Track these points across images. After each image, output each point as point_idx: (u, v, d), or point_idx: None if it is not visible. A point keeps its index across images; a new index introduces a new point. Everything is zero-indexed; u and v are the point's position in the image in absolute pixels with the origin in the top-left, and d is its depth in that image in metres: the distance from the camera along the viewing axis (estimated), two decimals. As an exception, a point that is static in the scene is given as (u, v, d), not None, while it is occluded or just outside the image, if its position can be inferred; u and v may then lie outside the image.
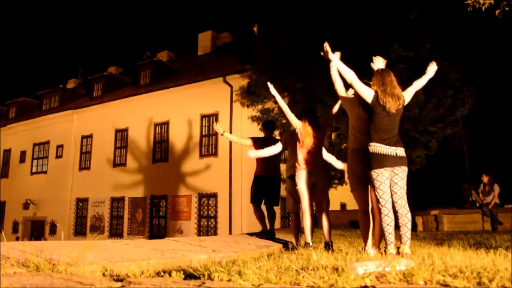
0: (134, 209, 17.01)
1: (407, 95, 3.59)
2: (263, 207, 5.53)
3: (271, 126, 5.99)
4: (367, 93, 3.46)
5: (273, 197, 5.50)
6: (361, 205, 3.70)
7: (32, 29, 64.17)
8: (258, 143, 5.47)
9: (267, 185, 5.42)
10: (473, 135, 19.28)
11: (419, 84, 3.71)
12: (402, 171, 3.38)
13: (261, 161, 5.40)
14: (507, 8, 6.26)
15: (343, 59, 3.63)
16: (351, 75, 3.54)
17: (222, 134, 5.45)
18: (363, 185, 3.64)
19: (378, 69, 3.59)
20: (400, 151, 3.40)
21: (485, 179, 10.83)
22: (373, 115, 3.43)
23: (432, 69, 3.71)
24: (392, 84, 3.44)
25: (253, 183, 5.51)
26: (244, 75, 14.08)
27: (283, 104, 4.59)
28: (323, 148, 4.64)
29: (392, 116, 3.41)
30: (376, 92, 3.43)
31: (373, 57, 3.73)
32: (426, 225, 12.30)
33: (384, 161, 3.34)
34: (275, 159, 5.39)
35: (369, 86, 3.55)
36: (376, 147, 3.37)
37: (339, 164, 5.00)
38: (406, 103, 3.53)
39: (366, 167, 3.47)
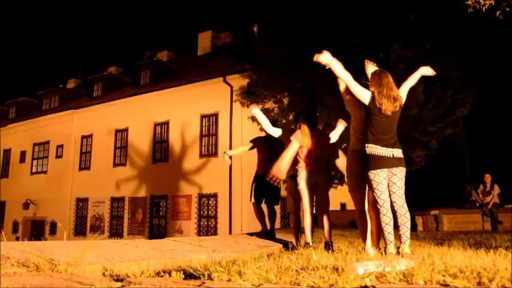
0: (134, 209, 17.01)
1: (402, 93, 3.55)
2: (264, 206, 5.54)
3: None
4: (364, 95, 3.44)
5: (273, 195, 5.50)
6: (358, 205, 3.71)
7: (32, 29, 64.17)
8: (260, 143, 5.49)
9: (267, 183, 5.42)
10: (473, 135, 19.25)
11: (410, 82, 3.65)
12: (400, 172, 3.37)
13: (261, 159, 5.41)
14: (507, 9, 6.26)
15: (341, 60, 3.61)
16: (346, 77, 3.49)
17: (226, 154, 5.56)
18: (360, 185, 3.65)
19: (376, 70, 3.58)
20: (397, 152, 3.39)
21: (488, 178, 10.86)
22: (371, 116, 3.42)
23: (424, 70, 3.67)
24: (389, 86, 3.42)
25: (254, 181, 5.51)
26: (244, 75, 14.07)
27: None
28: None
29: (389, 117, 3.39)
30: (373, 93, 3.43)
31: (366, 62, 3.73)
32: (426, 225, 12.28)
33: (381, 162, 3.33)
34: (276, 157, 5.39)
35: (367, 86, 3.54)
36: (372, 148, 3.36)
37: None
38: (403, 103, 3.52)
39: (364, 168, 3.47)
